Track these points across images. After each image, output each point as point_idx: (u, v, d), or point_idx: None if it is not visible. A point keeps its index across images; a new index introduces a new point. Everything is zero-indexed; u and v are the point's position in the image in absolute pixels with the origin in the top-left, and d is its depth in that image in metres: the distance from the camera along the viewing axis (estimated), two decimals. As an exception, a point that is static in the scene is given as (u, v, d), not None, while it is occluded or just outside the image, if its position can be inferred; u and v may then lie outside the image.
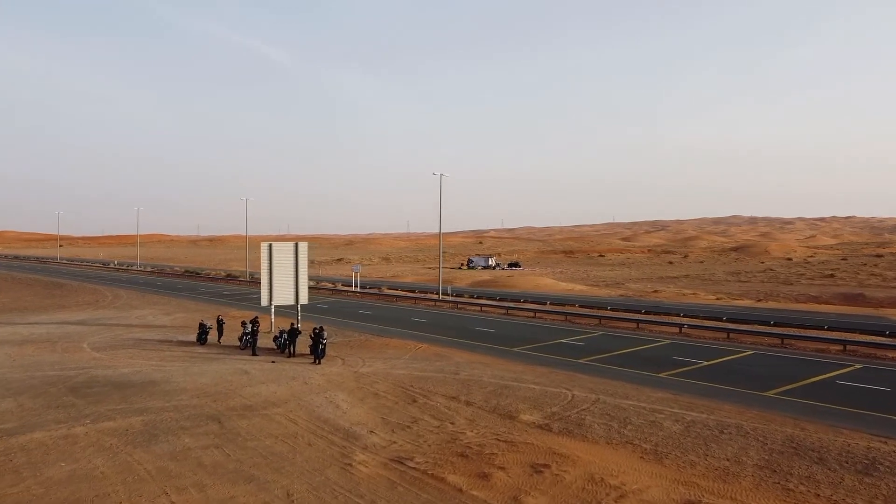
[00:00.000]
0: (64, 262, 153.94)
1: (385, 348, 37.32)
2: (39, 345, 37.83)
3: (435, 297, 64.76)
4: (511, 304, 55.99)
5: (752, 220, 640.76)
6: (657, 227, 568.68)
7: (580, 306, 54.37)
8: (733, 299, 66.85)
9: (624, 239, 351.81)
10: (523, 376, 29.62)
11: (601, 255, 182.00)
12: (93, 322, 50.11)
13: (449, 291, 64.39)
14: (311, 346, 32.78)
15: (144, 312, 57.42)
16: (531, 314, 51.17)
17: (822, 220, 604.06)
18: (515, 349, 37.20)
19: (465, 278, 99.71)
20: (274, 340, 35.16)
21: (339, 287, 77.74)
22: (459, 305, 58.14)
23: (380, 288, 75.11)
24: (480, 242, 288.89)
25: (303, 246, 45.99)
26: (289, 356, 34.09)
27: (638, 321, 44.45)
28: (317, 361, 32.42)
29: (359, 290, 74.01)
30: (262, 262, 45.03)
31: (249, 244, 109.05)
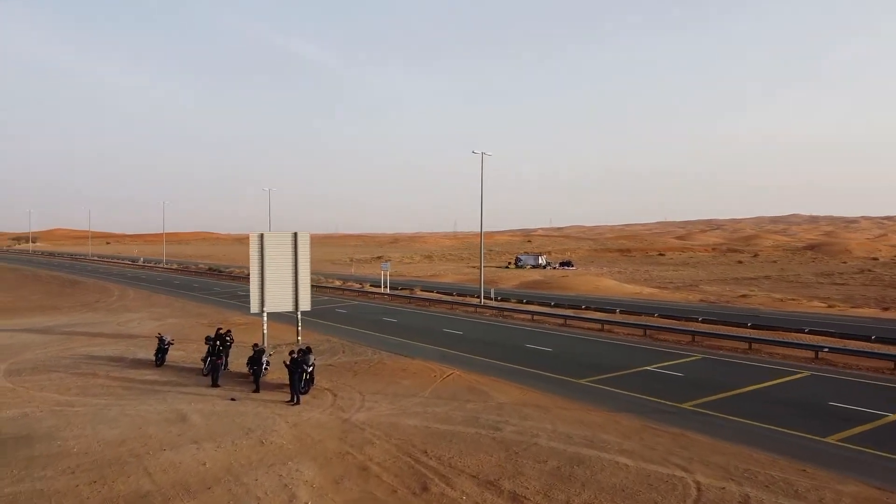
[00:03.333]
0: (95, 258, 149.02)
1: (400, 375, 26.96)
2: (-50, 364, 28.78)
3: (476, 301, 54.08)
4: (570, 313, 44.85)
5: (813, 219, 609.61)
6: (712, 225, 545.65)
7: (660, 316, 42.83)
8: (852, 308, 54.11)
9: (679, 238, 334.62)
10: (603, 435, 18.86)
11: (661, 254, 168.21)
12: (61, 329, 41.27)
13: (492, 295, 53.72)
14: (290, 373, 22.59)
15: (134, 317, 48.60)
16: (598, 326, 40.07)
17: (889, 218, 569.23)
18: (583, 381, 26.32)
19: (513, 278, 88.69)
20: (248, 363, 24.99)
21: (367, 288, 67.79)
22: (505, 312, 47.38)
23: (412, 289, 64.84)
24: (529, 241, 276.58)
25: (303, 237, 35.99)
26: (255, 390, 24.03)
27: (749, 340, 32.86)
28: (294, 400, 22.27)
29: (388, 291, 63.89)
30: (251, 257, 35.22)
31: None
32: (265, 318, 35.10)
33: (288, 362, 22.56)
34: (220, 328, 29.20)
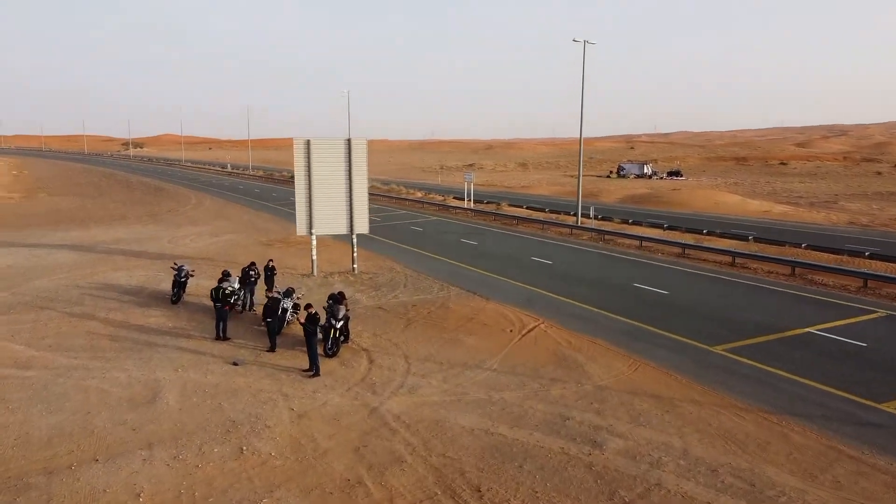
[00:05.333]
0: (188, 165, 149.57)
1: (466, 328, 20.42)
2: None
3: (571, 220, 46.27)
4: (690, 240, 36.26)
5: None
6: (835, 131, 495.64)
7: (810, 247, 33.48)
8: None
9: (798, 145, 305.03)
10: (769, 471, 11.69)
11: (782, 163, 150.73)
12: (106, 246, 37.36)
13: (591, 213, 45.69)
14: (306, 335, 16.41)
15: (193, 231, 44.47)
16: (727, 259, 31.70)
17: None
18: (718, 349, 18.83)
19: (615, 191, 79.32)
20: (263, 316, 18.86)
21: (449, 201, 61.02)
22: (606, 236, 39.53)
23: (499, 204, 57.41)
24: (632, 147, 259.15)
25: (359, 144, 29.40)
26: (270, 348, 18.15)
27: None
28: (312, 370, 16.21)
29: (471, 206, 56.89)
30: (296, 168, 29.15)
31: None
32: (314, 243, 29.31)
33: (305, 320, 16.32)
34: (252, 265, 23.41)
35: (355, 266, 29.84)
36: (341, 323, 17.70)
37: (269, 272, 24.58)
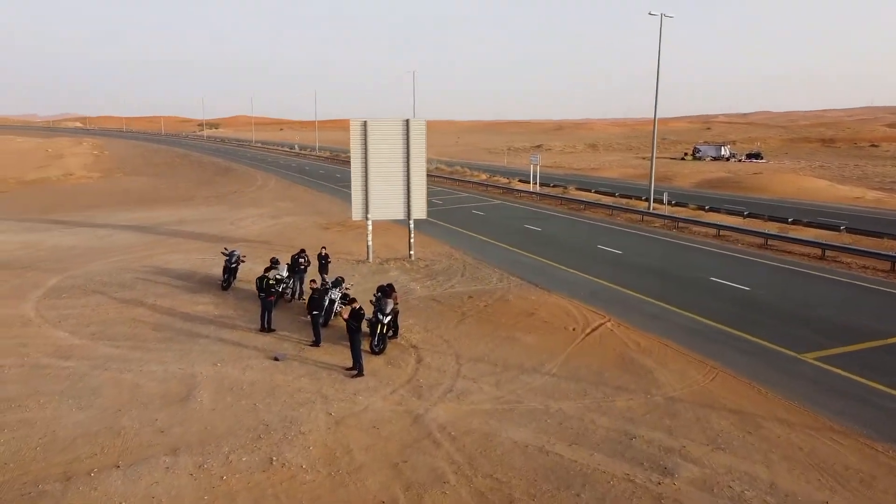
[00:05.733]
0: (258, 145, 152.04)
1: (524, 324, 18.95)
2: None
3: (643, 206, 43.76)
4: (773, 230, 33.31)
5: None
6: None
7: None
8: None
9: (890, 125, 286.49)
10: (877, 517, 9.87)
11: (873, 145, 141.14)
12: (168, 227, 37.71)
13: (665, 200, 42.93)
14: (349, 332, 15.29)
15: (254, 213, 44.53)
16: (816, 252, 28.91)
17: None
18: (808, 357, 16.70)
19: (690, 175, 75.41)
20: (308, 308, 17.84)
21: (514, 184, 59.10)
22: (680, 224, 37.02)
23: (566, 187, 55.14)
24: (708, 128, 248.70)
25: (417, 126, 28.14)
26: (314, 342, 17.15)
27: None
28: (356, 370, 15.09)
29: (537, 189, 54.84)
30: (352, 150, 28.14)
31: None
32: (370, 228, 28.31)
33: (347, 315, 15.20)
34: (302, 252, 22.50)
35: (412, 253, 28.70)
36: (388, 318, 16.52)
37: (323, 260, 23.68)
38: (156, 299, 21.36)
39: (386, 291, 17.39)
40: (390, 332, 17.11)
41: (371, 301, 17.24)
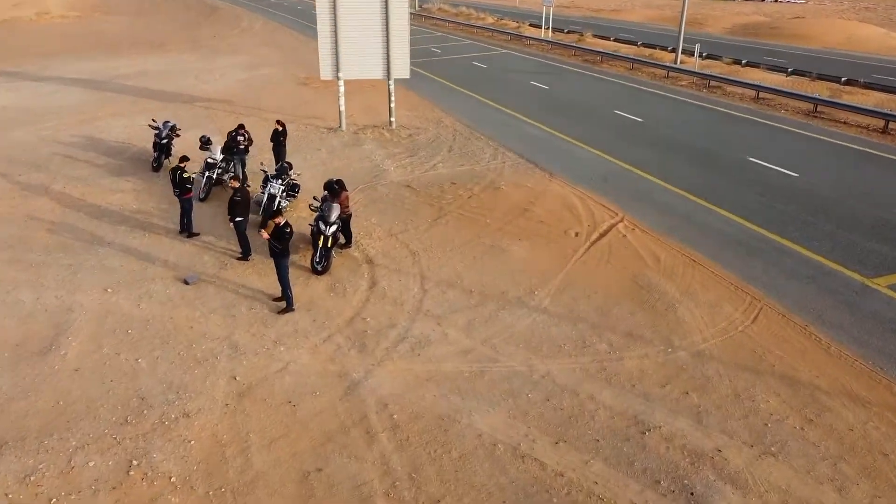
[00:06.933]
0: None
1: (516, 227, 15.02)
2: None
3: (668, 60, 37.86)
4: (824, 94, 28.00)
5: None
6: None
7: None
8: None
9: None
10: None
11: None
12: (124, 80, 32.83)
13: (696, 52, 36.63)
14: (272, 255, 11.45)
15: (228, 63, 39.32)
16: (879, 123, 24.00)
17: None
18: (879, 285, 12.78)
19: (722, 17, 67.31)
20: (230, 207, 13.64)
21: (524, 30, 52.27)
22: (711, 83, 31.64)
23: (581, 34, 48.43)
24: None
25: (396, -40, 22.42)
26: (243, 256, 13.34)
27: None
28: (287, 303, 11.43)
29: (549, 36, 48.31)
30: (316, -7, 22.74)
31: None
32: (342, 90, 23.63)
33: (269, 234, 11.23)
34: (241, 128, 18.06)
35: (393, 119, 24.19)
36: (333, 228, 12.61)
37: (278, 137, 19.07)
38: (66, 185, 17.41)
39: (334, 190, 13.33)
40: (340, 243, 13.32)
41: (310, 206, 13.27)
